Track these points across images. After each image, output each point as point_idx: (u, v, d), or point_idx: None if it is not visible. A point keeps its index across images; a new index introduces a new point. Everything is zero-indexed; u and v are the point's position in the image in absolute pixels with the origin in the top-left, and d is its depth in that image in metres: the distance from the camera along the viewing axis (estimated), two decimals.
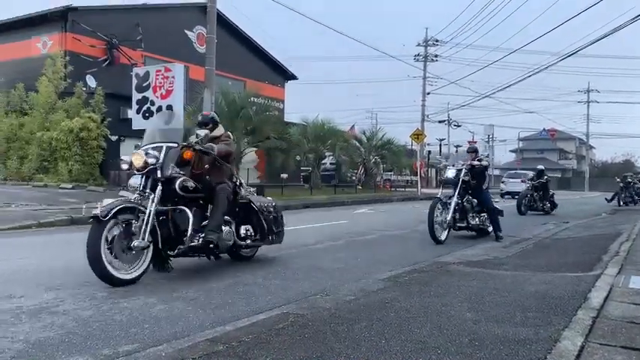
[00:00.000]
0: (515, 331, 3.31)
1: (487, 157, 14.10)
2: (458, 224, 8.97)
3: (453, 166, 9.46)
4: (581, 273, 5.44)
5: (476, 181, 9.14)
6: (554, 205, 16.97)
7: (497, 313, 3.76)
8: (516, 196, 30.24)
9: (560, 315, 3.68)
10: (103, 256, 4.57)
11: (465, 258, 6.74)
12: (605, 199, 23.20)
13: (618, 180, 23.43)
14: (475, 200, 9.25)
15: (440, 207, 8.61)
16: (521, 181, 30.82)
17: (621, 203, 22.17)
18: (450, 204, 8.72)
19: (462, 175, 8.90)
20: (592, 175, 60.82)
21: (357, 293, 4.40)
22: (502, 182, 32.05)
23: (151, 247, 4.97)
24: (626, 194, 22.51)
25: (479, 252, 7.48)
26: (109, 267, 4.61)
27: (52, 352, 3.11)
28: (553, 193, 17.36)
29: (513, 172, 34.79)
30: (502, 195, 30.09)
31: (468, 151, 10.29)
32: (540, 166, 18.56)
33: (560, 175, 66.83)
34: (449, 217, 8.62)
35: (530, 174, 33.96)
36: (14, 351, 3.10)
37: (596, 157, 78.78)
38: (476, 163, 9.13)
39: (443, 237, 8.51)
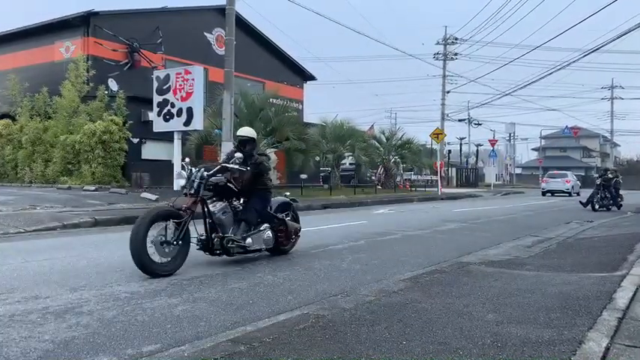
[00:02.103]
0: (539, 332, 3.27)
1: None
2: None
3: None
4: (606, 273, 5.35)
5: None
6: (290, 234, 6.86)
7: (520, 314, 3.72)
8: (557, 194, 30.11)
9: (584, 316, 3.63)
10: None
11: (486, 258, 6.68)
12: (580, 202, 18.26)
13: (597, 176, 18.77)
14: None
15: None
16: (566, 182, 30.69)
17: (596, 207, 17.36)
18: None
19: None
20: None
21: (377, 294, 4.39)
22: (543, 181, 32.09)
23: None
24: (602, 194, 17.61)
25: (500, 252, 7.41)
26: None
27: (77, 351, 3.17)
28: (291, 202, 7.26)
29: (554, 172, 35.01)
30: (543, 193, 30.14)
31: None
32: (245, 132, 6.90)
33: (584, 174, 65.81)
34: None
35: (568, 174, 32.18)
36: (41, 351, 3.17)
37: (621, 154, 77.29)
38: None
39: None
